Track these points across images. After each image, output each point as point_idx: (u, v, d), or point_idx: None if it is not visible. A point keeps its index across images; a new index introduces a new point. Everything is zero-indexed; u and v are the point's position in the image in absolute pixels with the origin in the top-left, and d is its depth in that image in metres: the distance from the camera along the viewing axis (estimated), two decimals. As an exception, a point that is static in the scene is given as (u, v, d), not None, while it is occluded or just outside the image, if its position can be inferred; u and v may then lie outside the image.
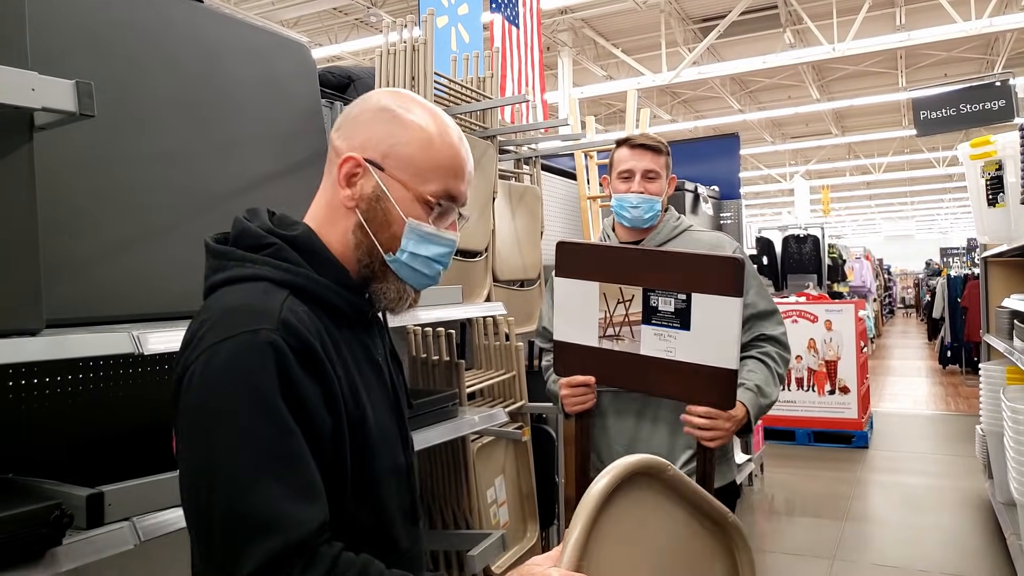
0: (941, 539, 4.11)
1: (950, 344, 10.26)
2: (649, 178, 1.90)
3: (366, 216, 0.93)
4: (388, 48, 2.43)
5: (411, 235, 0.94)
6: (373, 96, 0.98)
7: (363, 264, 0.95)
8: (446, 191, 0.95)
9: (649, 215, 1.90)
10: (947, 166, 18.45)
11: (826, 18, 9.17)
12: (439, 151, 0.94)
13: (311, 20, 9.75)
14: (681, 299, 1.59)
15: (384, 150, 0.93)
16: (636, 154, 1.92)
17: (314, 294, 0.90)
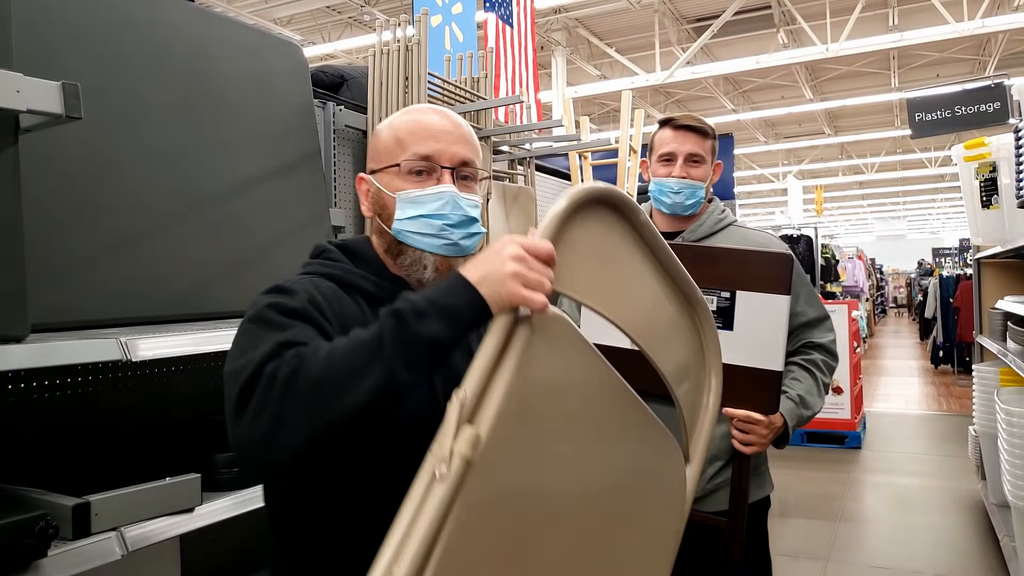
0: (934, 540, 4.12)
1: (942, 344, 10.30)
2: (693, 162, 1.73)
3: (377, 214, 1.07)
4: (382, 47, 2.41)
5: (401, 204, 1.03)
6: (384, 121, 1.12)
7: (387, 250, 1.07)
8: (415, 154, 1.03)
9: (691, 201, 1.73)
10: (939, 166, 18.53)
11: (819, 18, 9.19)
12: (399, 126, 1.06)
13: (304, 18, 9.71)
14: (725, 297, 1.51)
15: (371, 156, 1.08)
16: (680, 136, 1.75)
17: (347, 280, 1.03)
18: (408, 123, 1.06)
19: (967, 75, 11.12)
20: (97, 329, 1.20)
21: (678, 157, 1.73)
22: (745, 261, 1.50)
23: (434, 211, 1.02)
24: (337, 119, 2.35)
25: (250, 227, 1.76)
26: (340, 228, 2.33)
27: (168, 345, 1.13)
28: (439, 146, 1.04)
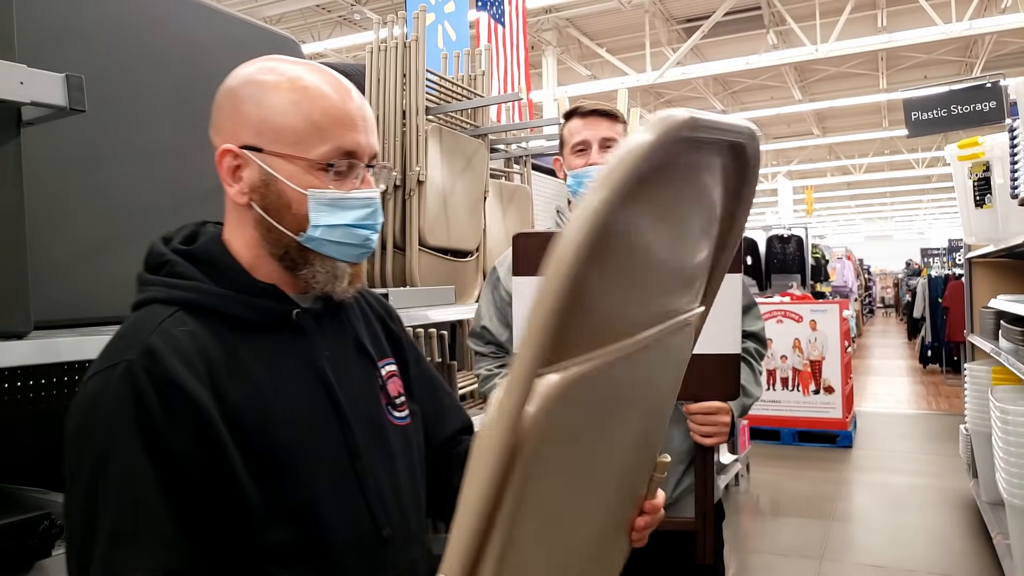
0: (927, 538, 4.14)
1: (931, 344, 10.38)
2: (608, 147, 1.66)
3: (263, 206, 0.85)
4: (379, 45, 2.40)
5: (317, 207, 0.84)
6: (231, 77, 0.88)
7: (280, 256, 0.86)
8: (338, 149, 0.84)
9: None
10: (927, 167, 18.69)
11: (809, 19, 9.24)
12: (315, 104, 0.84)
13: (294, 17, 9.66)
14: None
15: (256, 128, 0.84)
16: (590, 122, 1.68)
17: (208, 307, 0.82)
18: (327, 104, 0.84)
19: (954, 76, 11.21)
20: (99, 326, 1.18)
21: (592, 144, 1.66)
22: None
23: (359, 220, 0.86)
24: (334, 116, 2.33)
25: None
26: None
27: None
28: (360, 138, 0.86)
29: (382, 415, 0.94)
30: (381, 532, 0.88)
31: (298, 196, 0.84)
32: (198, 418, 0.76)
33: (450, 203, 2.51)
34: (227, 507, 0.77)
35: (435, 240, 2.42)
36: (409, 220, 2.32)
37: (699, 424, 1.52)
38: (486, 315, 1.73)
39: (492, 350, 1.72)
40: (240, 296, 0.85)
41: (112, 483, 0.72)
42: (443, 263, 2.50)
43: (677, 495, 1.62)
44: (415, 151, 2.31)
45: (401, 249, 2.35)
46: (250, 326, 0.84)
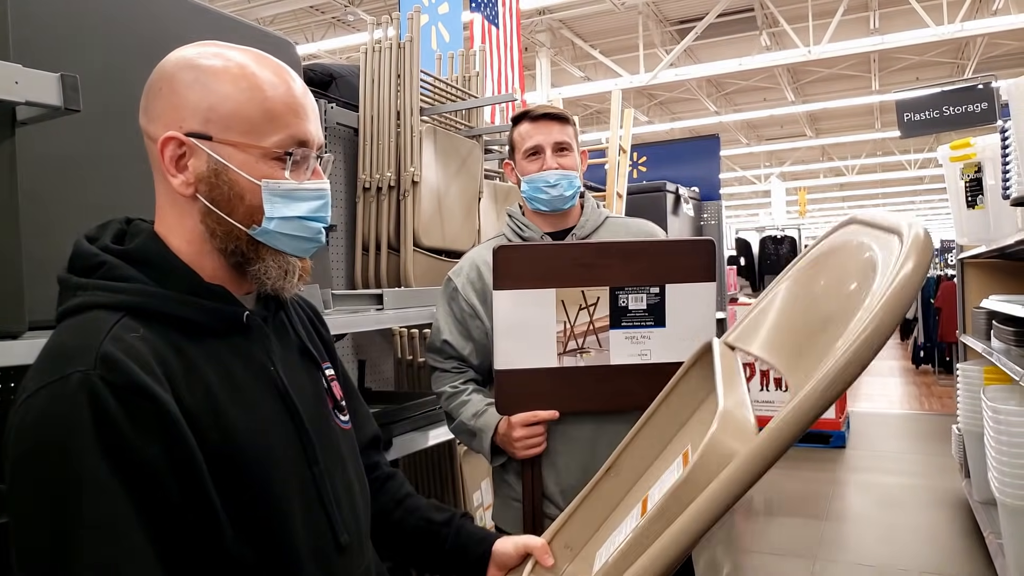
0: (920, 538, 4.16)
1: (923, 344, 10.43)
2: (561, 151, 1.64)
3: (211, 197, 0.79)
4: (373, 46, 2.40)
5: (271, 198, 0.80)
6: (168, 60, 0.81)
7: (228, 252, 0.82)
8: (292, 137, 0.81)
9: (571, 192, 1.63)
10: (919, 168, 18.78)
11: (802, 21, 9.28)
12: (266, 93, 0.80)
13: (287, 18, 9.65)
14: (654, 293, 1.45)
15: (203, 115, 0.78)
16: (540, 126, 1.64)
17: (156, 310, 0.77)
18: (279, 92, 0.81)
19: (946, 78, 11.27)
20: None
21: (545, 148, 1.63)
22: (671, 252, 1.46)
23: (313, 212, 0.83)
24: (328, 117, 2.33)
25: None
26: (332, 227, 2.31)
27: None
28: (311, 127, 0.83)
29: (330, 419, 0.93)
30: (339, 539, 0.86)
31: (251, 187, 0.80)
32: (166, 426, 0.71)
33: (445, 204, 2.51)
34: (197, 520, 0.73)
35: (430, 241, 2.42)
36: (404, 221, 2.32)
37: None
38: (445, 329, 1.67)
39: (454, 365, 1.67)
40: (188, 298, 0.79)
41: (83, 508, 0.66)
42: (438, 263, 2.50)
43: None
44: (409, 152, 2.31)
45: (395, 250, 2.36)
46: (200, 330, 0.80)
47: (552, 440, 1.52)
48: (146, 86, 0.82)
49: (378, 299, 1.91)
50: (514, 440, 1.47)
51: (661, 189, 4.73)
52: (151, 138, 0.80)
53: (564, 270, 1.45)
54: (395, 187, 2.33)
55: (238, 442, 0.77)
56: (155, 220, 0.84)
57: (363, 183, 2.36)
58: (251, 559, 0.77)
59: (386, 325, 1.88)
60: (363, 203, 2.37)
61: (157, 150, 0.79)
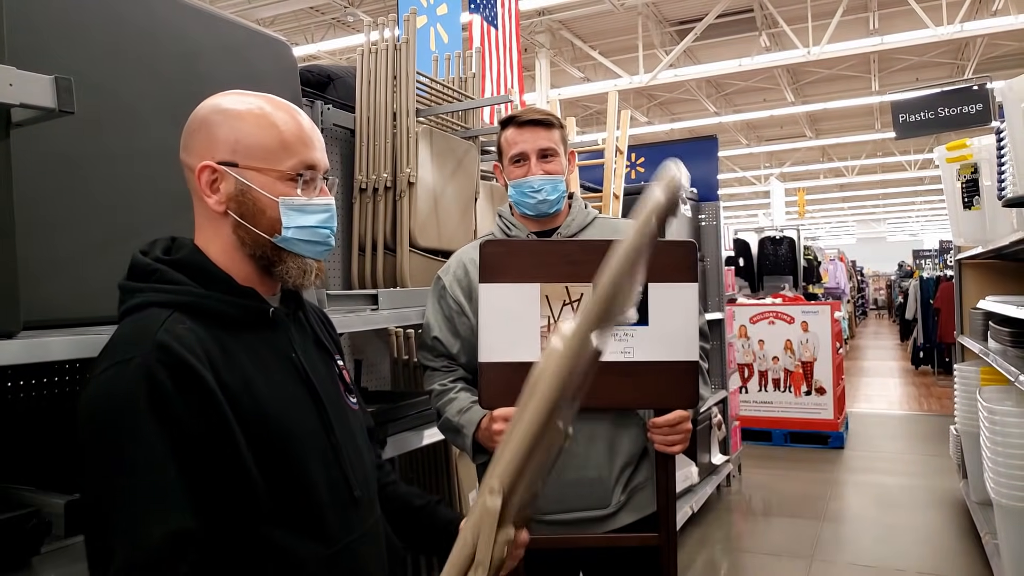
0: (917, 538, 4.17)
1: (922, 345, 10.43)
2: (546, 157, 1.65)
3: (239, 213, 0.98)
4: (369, 47, 2.41)
5: (288, 211, 0.99)
6: (203, 106, 1.02)
7: (256, 257, 1.00)
8: (302, 162, 1.00)
9: (555, 196, 1.65)
10: (919, 169, 18.78)
11: (801, 22, 9.28)
12: (280, 128, 0.99)
13: (287, 19, 9.66)
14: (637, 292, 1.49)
15: (231, 147, 0.98)
16: (525, 133, 1.66)
17: (201, 307, 0.94)
18: (290, 126, 1.01)
19: (946, 79, 11.28)
20: (89, 326, 1.18)
21: (530, 156, 1.65)
22: (654, 252, 1.48)
23: (322, 222, 1.02)
24: (325, 118, 2.34)
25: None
26: (329, 227, 2.32)
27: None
28: (318, 155, 1.03)
29: (342, 399, 1.11)
30: (354, 493, 1.03)
31: (271, 203, 0.98)
32: (207, 399, 0.87)
33: (441, 204, 2.52)
34: (231, 476, 0.88)
35: (426, 241, 2.43)
36: (400, 221, 2.33)
37: (664, 435, 1.50)
38: (435, 326, 1.69)
39: (444, 363, 1.68)
40: (225, 297, 0.97)
41: (132, 458, 0.82)
42: (434, 264, 2.50)
43: (624, 498, 1.59)
44: (405, 153, 2.32)
45: (391, 250, 2.36)
46: (235, 323, 0.97)
47: None
48: (185, 129, 1.02)
49: (373, 299, 1.92)
50: (494, 434, 1.48)
51: (659, 190, 4.73)
52: (189, 168, 1.00)
53: (549, 266, 1.49)
54: (391, 188, 2.34)
55: (268, 413, 0.93)
56: (195, 236, 1.03)
57: (359, 184, 2.37)
58: (280, 509, 0.92)
59: (381, 325, 1.89)
60: (359, 204, 2.37)
61: (195, 177, 0.99)
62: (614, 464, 1.58)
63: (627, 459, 1.59)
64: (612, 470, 1.57)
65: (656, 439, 1.50)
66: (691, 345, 1.48)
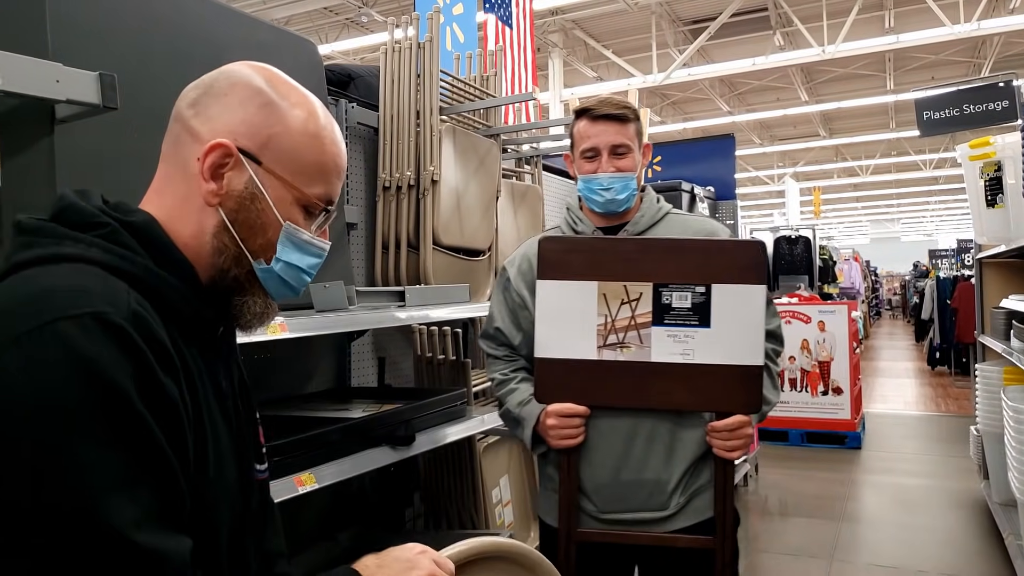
0: (938, 539, 4.13)
1: (939, 345, 10.35)
2: (618, 154, 1.58)
3: (233, 217, 0.78)
4: (393, 46, 2.41)
5: (287, 242, 0.80)
6: (241, 72, 0.81)
7: (225, 272, 0.79)
8: (327, 196, 0.83)
9: (624, 195, 1.58)
10: (934, 168, 18.63)
11: (816, 20, 9.24)
12: (325, 147, 0.82)
13: (301, 20, 9.70)
14: (700, 292, 1.42)
15: (262, 140, 0.78)
16: (598, 127, 1.58)
17: (155, 292, 0.72)
18: (335, 150, 0.83)
19: (962, 77, 11.19)
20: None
21: (602, 151, 1.57)
22: (719, 251, 1.44)
23: (311, 266, 0.84)
24: (349, 116, 2.35)
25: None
26: (353, 225, 2.33)
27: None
28: (339, 189, 0.85)
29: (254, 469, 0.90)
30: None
31: (276, 224, 0.79)
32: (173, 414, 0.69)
33: (463, 202, 2.52)
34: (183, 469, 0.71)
35: (448, 239, 2.43)
36: (423, 219, 2.33)
37: (723, 440, 1.47)
38: (498, 316, 1.68)
39: (505, 352, 1.67)
40: (186, 292, 0.76)
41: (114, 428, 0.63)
42: (456, 262, 2.51)
43: (683, 500, 1.56)
44: (429, 151, 2.33)
45: (414, 248, 2.37)
46: (184, 327, 0.75)
47: (588, 433, 1.51)
48: (205, 83, 0.81)
49: (400, 296, 1.92)
50: (548, 429, 1.49)
51: (677, 188, 4.73)
52: (194, 134, 0.78)
53: (607, 264, 1.46)
54: (415, 186, 2.35)
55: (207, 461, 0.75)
56: (144, 202, 0.80)
57: (383, 182, 2.37)
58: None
59: (409, 322, 1.89)
60: (383, 202, 2.38)
61: (201, 150, 0.77)
62: (673, 467, 1.53)
63: (688, 463, 1.54)
64: (672, 473, 1.53)
65: (715, 443, 1.47)
66: (755, 349, 1.42)
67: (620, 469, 1.51)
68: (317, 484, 1.43)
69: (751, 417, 1.48)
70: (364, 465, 1.62)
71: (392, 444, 1.71)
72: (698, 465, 1.55)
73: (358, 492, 2.26)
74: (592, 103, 1.60)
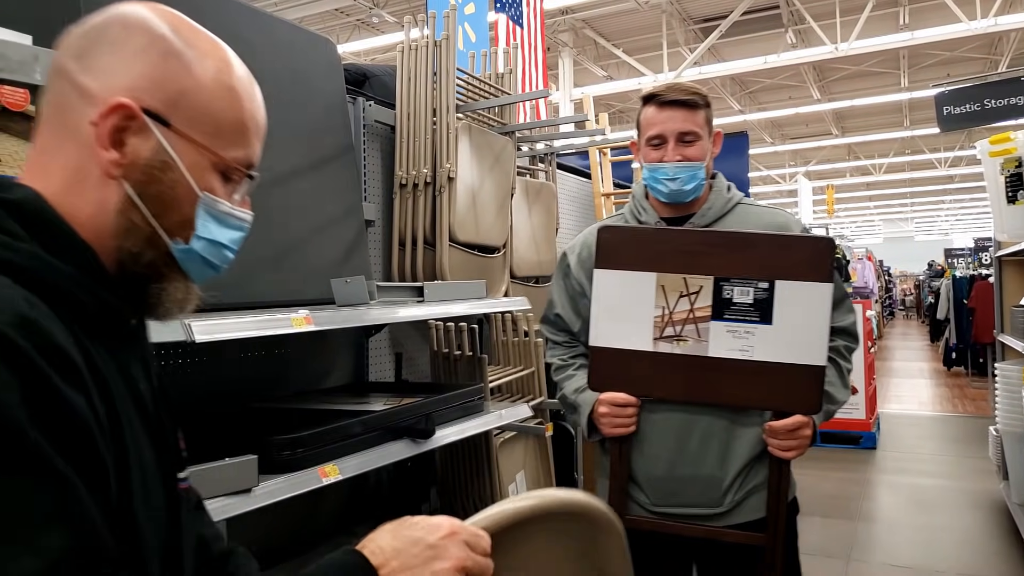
0: (955, 539, 4.10)
1: (955, 346, 10.25)
2: (686, 141, 1.49)
3: (142, 191, 0.65)
4: (410, 44, 2.42)
5: (207, 216, 0.68)
6: (137, 15, 0.67)
7: (136, 256, 0.65)
8: (248, 159, 0.71)
9: (691, 185, 1.50)
10: (949, 167, 18.48)
11: (829, 18, 9.18)
12: (243, 103, 0.69)
13: (313, 21, 9.74)
14: (763, 288, 1.38)
15: (170, 97, 0.65)
16: (666, 113, 1.50)
17: (48, 284, 0.59)
18: (253, 105, 0.71)
19: (978, 74, 11.09)
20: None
21: (668, 139, 1.49)
22: (785, 247, 1.39)
23: (234, 241, 0.72)
24: (367, 114, 2.36)
25: (289, 219, 1.76)
26: (370, 222, 2.34)
27: (226, 329, 1.13)
28: (258, 153, 0.73)
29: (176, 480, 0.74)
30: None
31: (192, 196, 0.67)
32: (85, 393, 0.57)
33: (479, 200, 2.53)
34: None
35: (464, 236, 2.44)
36: (439, 216, 2.34)
37: (779, 440, 1.43)
38: (559, 303, 1.66)
39: (565, 338, 1.66)
40: (85, 280, 0.62)
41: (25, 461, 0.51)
42: (471, 259, 2.52)
43: (739, 498, 1.52)
44: (446, 148, 2.33)
45: (430, 245, 2.38)
46: (89, 325, 0.62)
47: (642, 426, 1.50)
48: (95, 28, 0.66)
49: (418, 291, 1.93)
50: (599, 417, 1.48)
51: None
52: (84, 93, 0.64)
53: (667, 255, 1.43)
54: (431, 183, 2.36)
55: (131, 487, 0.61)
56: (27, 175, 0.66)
57: (399, 179, 2.38)
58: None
59: (427, 317, 1.89)
60: (399, 199, 2.39)
61: (95, 112, 0.63)
62: (729, 465, 1.50)
63: (744, 461, 1.50)
64: (727, 470, 1.50)
65: (771, 443, 1.44)
66: (818, 349, 1.38)
67: (674, 464, 1.50)
68: (341, 476, 1.43)
69: (812, 418, 1.43)
70: (386, 457, 1.63)
71: (412, 437, 1.72)
72: (755, 464, 1.51)
73: (375, 487, 2.27)
74: (660, 88, 1.53)
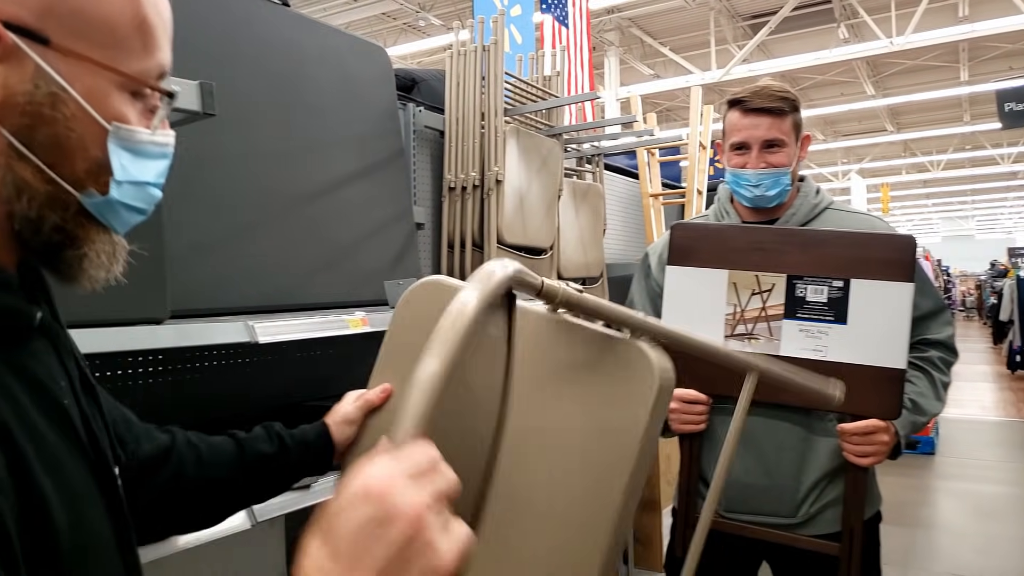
0: (1019, 549, 3.95)
1: (1019, 348, 9.87)
2: (771, 148, 1.47)
3: (28, 137, 0.50)
4: (459, 49, 2.46)
5: (122, 152, 0.53)
6: None
7: (37, 223, 0.52)
8: (159, 67, 0.56)
9: (774, 192, 1.48)
10: (1012, 163, 17.78)
11: (883, 11, 8.94)
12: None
13: (360, 25, 9.90)
14: (837, 287, 1.35)
15: (43, 3, 0.50)
16: (750, 120, 1.48)
17: None
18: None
19: (1042, 66, 10.67)
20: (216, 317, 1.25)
21: (752, 146, 1.48)
22: (861, 245, 1.35)
23: (159, 176, 0.58)
24: (417, 120, 2.40)
25: (344, 223, 1.81)
26: (420, 225, 2.38)
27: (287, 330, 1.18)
28: (169, 55, 0.58)
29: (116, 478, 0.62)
30: None
31: (97, 131, 0.52)
32: None
33: (526, 202, 2.55)
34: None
35: (512, 238, 2.46)
36: (488, 219, 2.37)
37: (854, 444, 1.39)
38: (639, 303, 1.65)
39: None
40: None
41: None
42: (519, 260, 2.54)
43: (814, 511, 1.48)
44: (494, 152, 2.36)
45: (479, 247, 2.41)
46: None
47: (717, 429, 1.48)
48: None
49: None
50: (669, 412, 1.45)
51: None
52: None
53: (739, 252, 1.41)
54: (479, 186, 2.39)
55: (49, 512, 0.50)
56: None
57: (448, 183, 2.42)
58: None
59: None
60: (448, 202, 2.43)
61: None
62: (804, 476, 1.47)
63: (820, 473, 1.47)
64: (802, 481, 1.47)
65: (845, 447, 1.40)
66: (897, 351, 1.33)
67: (748, 471, 1.48)
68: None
69: (891, 425, 1.38)
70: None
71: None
72: (833, 477, 1.47)
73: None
74: (746, 93, 1.50)
